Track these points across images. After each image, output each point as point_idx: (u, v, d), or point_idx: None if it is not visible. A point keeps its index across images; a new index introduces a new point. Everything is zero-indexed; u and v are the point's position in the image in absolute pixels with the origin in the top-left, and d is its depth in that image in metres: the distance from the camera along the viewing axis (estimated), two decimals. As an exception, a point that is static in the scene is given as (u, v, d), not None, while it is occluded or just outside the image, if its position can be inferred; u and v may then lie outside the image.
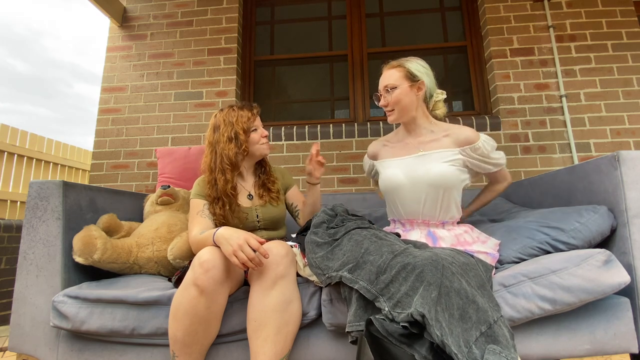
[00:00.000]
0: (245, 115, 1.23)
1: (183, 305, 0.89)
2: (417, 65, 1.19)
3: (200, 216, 1.17)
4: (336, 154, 2.23)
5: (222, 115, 1.25)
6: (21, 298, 1.09)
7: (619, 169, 0.98)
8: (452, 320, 0.70)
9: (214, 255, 0.91)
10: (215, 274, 0.89)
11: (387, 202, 1.26)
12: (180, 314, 0.89)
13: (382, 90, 1.20)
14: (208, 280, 0.88)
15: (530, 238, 1.08)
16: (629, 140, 2.10)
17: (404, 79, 1.16)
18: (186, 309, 0.88)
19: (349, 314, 0.84)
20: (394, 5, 2.60)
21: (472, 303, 0.73)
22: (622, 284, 0.88)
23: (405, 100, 1.16)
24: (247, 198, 1.27)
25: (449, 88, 2.45)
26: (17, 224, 2.08)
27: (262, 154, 1.28)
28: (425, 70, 1.20)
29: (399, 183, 1.15)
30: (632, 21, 2.24)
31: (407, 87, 1.16)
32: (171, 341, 0.91)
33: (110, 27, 2.57)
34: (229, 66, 2.41)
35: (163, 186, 1.51)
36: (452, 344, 0.66)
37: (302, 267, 1.03)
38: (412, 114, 1.19)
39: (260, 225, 1.25)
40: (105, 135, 2.40)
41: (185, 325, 0.89)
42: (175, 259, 1.21)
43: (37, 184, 1.14)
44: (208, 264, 0.89)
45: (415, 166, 1.15)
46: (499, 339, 0.70)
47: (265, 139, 1.28)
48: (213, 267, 0.89)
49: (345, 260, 0.88)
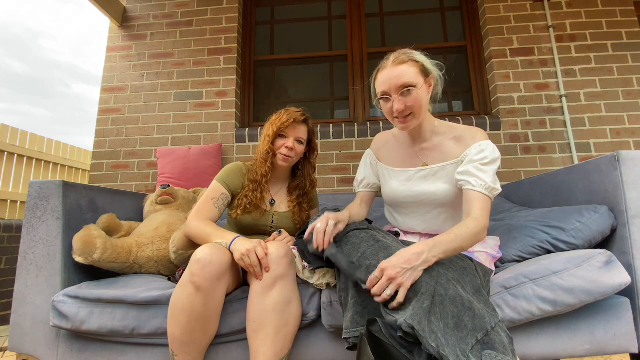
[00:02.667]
0: (282, 119, 1.21)
1: (180, 302, 0.89)
2: (423, 56, 1.03)
3: (213, 204, 1.16)
4: (336, 154, 2.23)
5: (276, 112, 1.27)
6: (21, 298, 1.09)
7: (619, 169, 0.98)
8: (448, 330, 0.69)
9: (211, 252, 0.91)
10: (212, 270, 0.90)
11: (385, 208, 1.22)
12: (178, 311, 0.89)
13: (393, 92, 0.97)
14: (204, 276, 0.88)
15: (531, 237, 1.08)
16: (629, 140, 2.10)
17: (420, 75, 0.98)
18: (183, 307, 0.89)
19: (346, 319, 0.84)
20: (394, 5, 2.60)
21: (467, 310, 0.71)
22: (622, 285, 0.88)
23: (425, 102, 0.99)
24: (269, 202, 1.27)
25: (449, 88, 2.46)
26: (17, 224, 2.08)
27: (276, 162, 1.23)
28: (431, 61, 1.04)
29: (399, 200, 1.08)
30: (632, 21, 2.24)
31: (425, 85, 0.99)
32: (170, 340, 0.91)
33: (110, 27, 2.56)
34: (229, 66, 2.41)
35: (163, 185, 1.51)
36: (450, 354, 0.65)
37: (302, 269, 1.03)
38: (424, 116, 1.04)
39: (272, 230, 1.24)
40: (105, 135, 2.40)
41: (182, 323, 0.89)
42: (178, 250, 1.20)
43: (37, 184, 1.14)
44: (204, 260, 0.90)
45: (419, 185, 1.05)
46: (496, 345, 0.68)
47: (287, 149, 1.21)
48: (209, 263, 0.90)
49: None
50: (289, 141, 1.21)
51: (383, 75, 1.00)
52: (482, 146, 0.98)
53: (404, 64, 0.97)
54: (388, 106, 1.00)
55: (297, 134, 1.23)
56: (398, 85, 0.96)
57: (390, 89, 0.97)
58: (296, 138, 1.23)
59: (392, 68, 0.98)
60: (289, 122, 1.20)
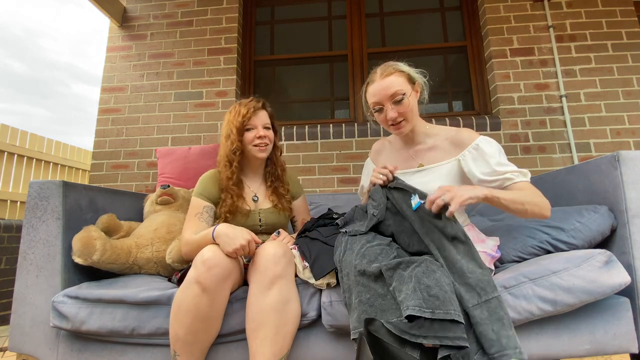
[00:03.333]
0: (241, 113, 1.18)
1: (185, 303, 0.89)
2: (407, 66, 1.13)
3: (198, 219, 1.14)
4: (336, 154, 2.23)
5: (229, 110, 1.25)
6: (21, 298, 1.09)
7: (619, 169, 0.98)
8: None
9: (217, 254, 0.91)
10: (218, 272, 0.90)
11: None
12: (182, 312, 0.89)
13: (385, 102, 1.06)
14: (211, 278, 0.88)
15: (531, 237, 1.08)
16: (629, 140, 2.10)
17: (407, 83, 1.08)
18: (188, 307, 0.88)
19: (352, 319, 0.84)
20: (394, 5, 2.60)
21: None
22: (622, 284, 0.88)
23: (414, 107, 1.09)
24: (252, 200, 1.25)
25: (449, 88, 2.46)
26: (17, 224, 2.08)
27: (254, 156, 1.21)
28: (415, 70, 1.13)
29: None
30: (632, 21, 2.24)
31: (412, 92, 1.09)
32: (172, 340, 0.91)
33: (110, 27, 2.56)
34: (229, 66, 2.41)
35: (163, 186, 1.50)
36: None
37: (302, 269, 1.03)
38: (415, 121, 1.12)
39: (262, 229, 1.23)
40: (105, 135, 2.40)
41: (186, 323, 0.89)
42: (173, 262, 1.21)
43: (37, 184, 1.14)
44: (211, 262, 0.89)
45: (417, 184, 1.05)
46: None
47: (260, 140, 1.19)
48: (216, 265, 0.90)
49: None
50: (258, 131, 1.19)
51: (373, 87, 1.08)
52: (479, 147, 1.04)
53: (391, 75, 1.06)
54: (382, 116, 1.08)
55: (262, 120, 1.21)
56: (389, 95, 1.05)
57: (382, 99, 1.06)
58: (263, 125, 1.21)
59: (381, 80, 1.07)
60: (249, 112, 1.18)
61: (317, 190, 2.18)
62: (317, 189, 2.19)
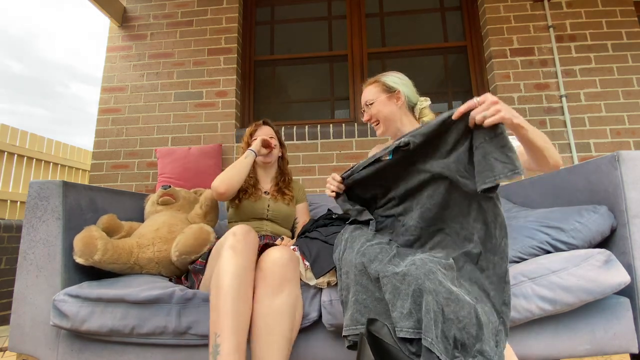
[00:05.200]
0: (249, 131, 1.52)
1: (225, 265, 0.88)
2: (392, 77, 1.27)
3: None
4: (336, 154, 2.23)
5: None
6: (21, 298, 1.09)
7: (619, 169, 0.98)
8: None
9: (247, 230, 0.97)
10: (250, 240, 0.95)
11: None
12: (222, 274, 0.86)
13: (364, 107, 1.29)
14: (246, 245, 0.92)
15: (531, 238, 1.08)
16: (629, 140, 2.10)
17: (380, 92, 1.25)
18: (226, 268, 0.87)
19: (345, 317, 0.84)
20: (394, 5, 2.60)
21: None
22: (622, 284, 0.88)
23: (385, 111, 1.23)
24: (263, 194, 1.49)
25: (449, 88, 2.46)
26: (17, 224, 2.08)
27: (260, 161, 1.50)
28: (401, 80, 1.27)
29: None
30: (632, 21, 2.24)
31: (385, 99, 1.24)
32: (213, 323, 0.84)
33: (110, 27, 2.57)
34: (229, 66, 2.41)
35: (164, 186, 1.50)
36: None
37: (304, 271, 1.03)
38: (397, 125, 1.24)
39: (268, 216, 1.41)
40: (105, 135, 2.41)
41: (226, 285, 0.85)
42: (180, 255, 1.20)
43: (37, 184, 1.14)
44: (241, 233, 0.94)
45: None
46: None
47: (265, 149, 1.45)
48: (248, 232, 0.96)
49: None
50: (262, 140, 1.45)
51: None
52: None
53: (370, 85, 1.29)
54: None
55: (265, 133, 1.51)
56: (364, 102, 1.29)
57: (362, 105, 1.31)
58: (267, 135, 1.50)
59: (364, 89, 1.31)
60: (252, 129, 1.52)
61: (317, 190, 2.19)
62: (317, 189, 2.19)
